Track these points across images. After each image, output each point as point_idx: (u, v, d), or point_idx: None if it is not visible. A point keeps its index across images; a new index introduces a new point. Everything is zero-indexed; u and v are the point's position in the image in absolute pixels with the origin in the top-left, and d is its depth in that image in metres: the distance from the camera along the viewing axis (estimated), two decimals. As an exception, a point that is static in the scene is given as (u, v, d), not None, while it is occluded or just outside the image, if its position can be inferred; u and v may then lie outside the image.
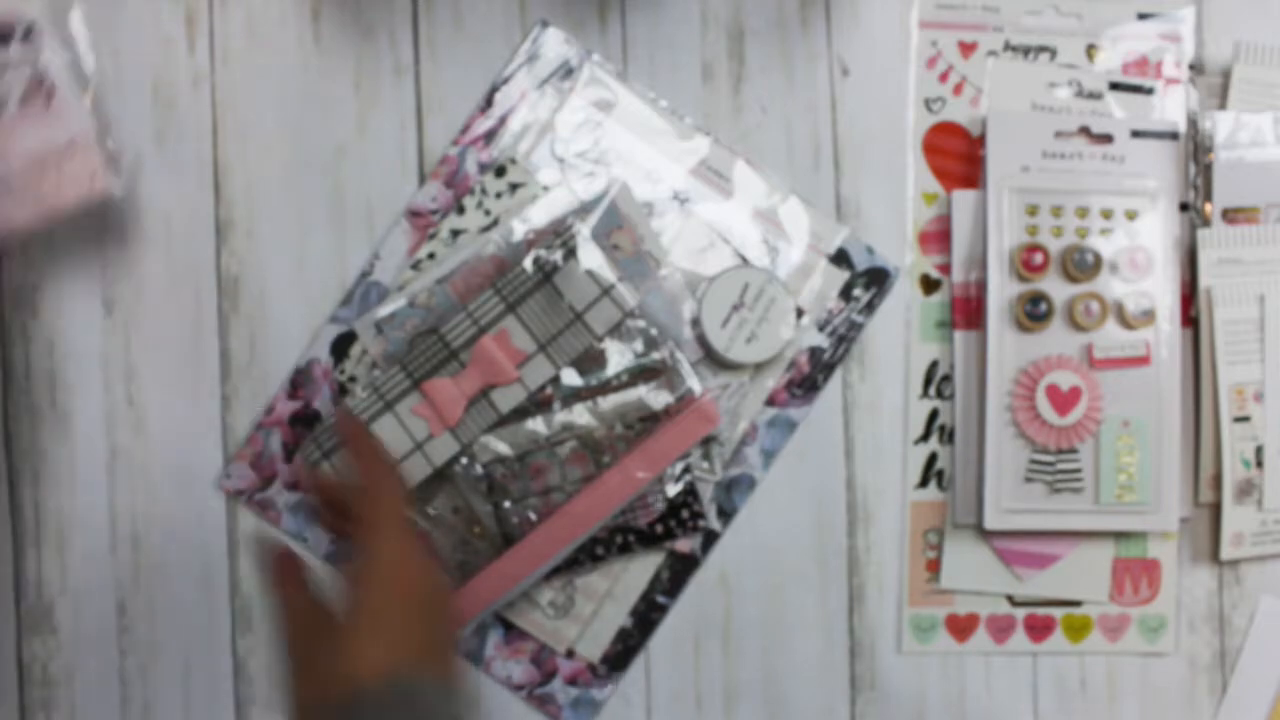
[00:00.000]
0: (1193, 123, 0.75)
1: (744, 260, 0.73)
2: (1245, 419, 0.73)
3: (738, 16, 0.75)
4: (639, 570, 0.74)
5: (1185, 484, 0.74)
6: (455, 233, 0.73)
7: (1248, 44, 0.75)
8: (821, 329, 0.74)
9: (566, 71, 0.74)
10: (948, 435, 0.75)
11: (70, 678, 0.72)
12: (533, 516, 0.71)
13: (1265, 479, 0.74)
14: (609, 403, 0.71)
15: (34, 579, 0.72)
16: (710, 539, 0.74)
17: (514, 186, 0.73)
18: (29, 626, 0.72)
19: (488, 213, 0.73)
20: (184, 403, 0.73)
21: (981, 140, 0.74)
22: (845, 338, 0.74)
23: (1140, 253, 0.73)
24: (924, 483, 0.75)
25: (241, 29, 0.74)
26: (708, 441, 0.72)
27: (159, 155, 0.73)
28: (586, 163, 0.74)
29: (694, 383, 0.72)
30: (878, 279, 0.75)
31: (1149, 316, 0.73)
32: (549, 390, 0.71)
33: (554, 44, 0.74)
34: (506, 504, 0.71)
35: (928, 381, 0.75)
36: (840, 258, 0.74)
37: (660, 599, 0.74)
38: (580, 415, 0.71)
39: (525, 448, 0.71)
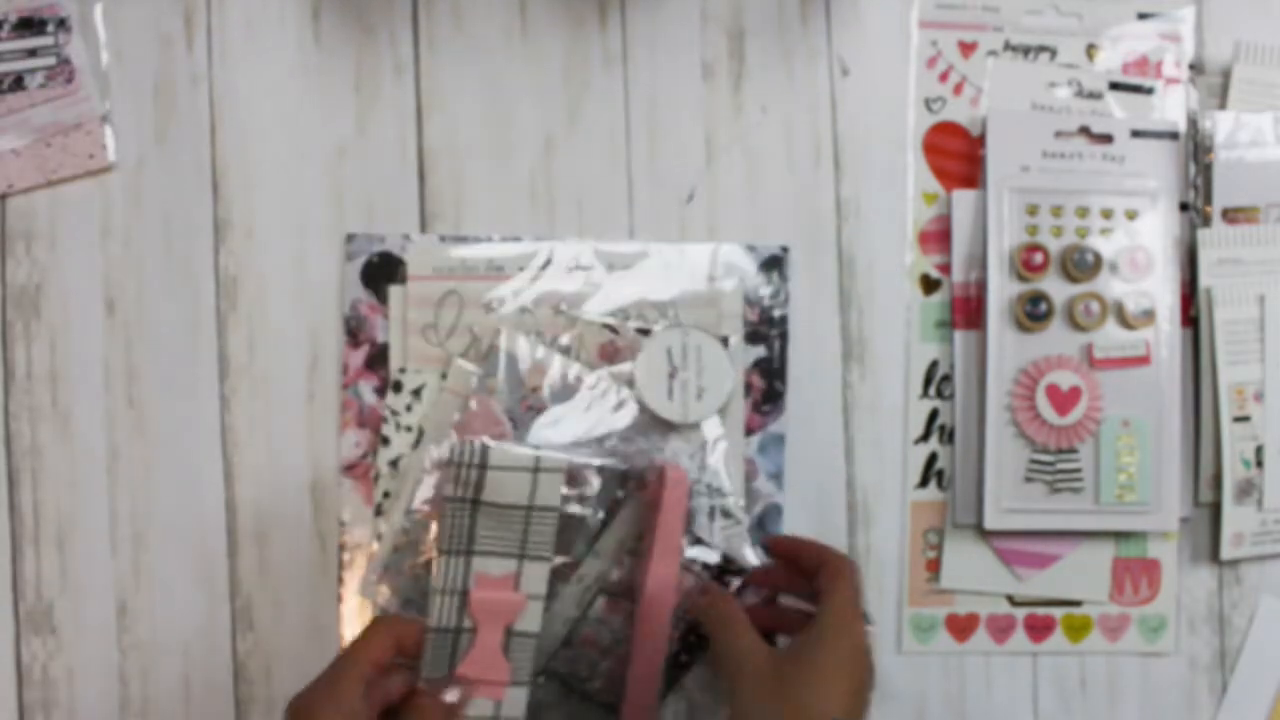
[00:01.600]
0: (1193, 123, 0.75)
1: (648, 331, 0.72)
2: (1245, 419, 0.73)
3: (737, 16, 0.75)
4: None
5: (1185, 484, 0.74)
6: (393, 463, 0.72)
7: (1248, 44, 0.75)
8: (754, 341, 0.74)
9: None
10: (948, 435, 0.75)
11: (70, 678, 0.72)
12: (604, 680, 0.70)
13: (1265, 479, 0.74)
14: (604, 542, 0.70)
15: (34, 579, 0.72)
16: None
17: (417, 391, 0.72)
18: (28, 626, 0.72)
19: (409, 428, 0.72)
20: (184, 403, 0.73)
21: (981, 140, 0.74)
22: (781, 334, 0.74)
23: (1140, 253, 0.73)
24: (924, 483, 0.75)
25: (240, 28, 0.74)
26: (713, 498, 0.72)
27: (158, 154, 0.73)
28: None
29: (650, 471, 0.70)
30: (774, 265, 0.74)
31: (1149, 316, 0.73)
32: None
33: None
34: (586, 685, 0.70)
35: (928, 381, 0.75)
36: (729, 271, 0.73)
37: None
38: (591, 569, 0.70)
39: (566, 629, 0.70)
